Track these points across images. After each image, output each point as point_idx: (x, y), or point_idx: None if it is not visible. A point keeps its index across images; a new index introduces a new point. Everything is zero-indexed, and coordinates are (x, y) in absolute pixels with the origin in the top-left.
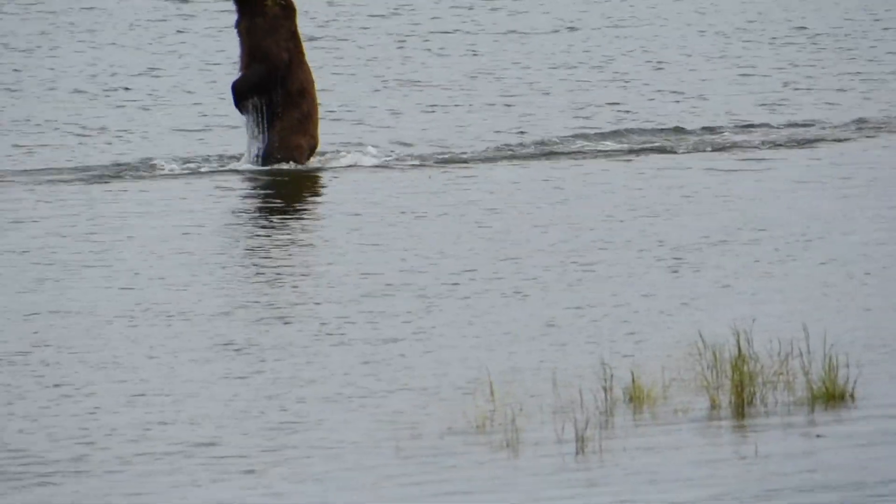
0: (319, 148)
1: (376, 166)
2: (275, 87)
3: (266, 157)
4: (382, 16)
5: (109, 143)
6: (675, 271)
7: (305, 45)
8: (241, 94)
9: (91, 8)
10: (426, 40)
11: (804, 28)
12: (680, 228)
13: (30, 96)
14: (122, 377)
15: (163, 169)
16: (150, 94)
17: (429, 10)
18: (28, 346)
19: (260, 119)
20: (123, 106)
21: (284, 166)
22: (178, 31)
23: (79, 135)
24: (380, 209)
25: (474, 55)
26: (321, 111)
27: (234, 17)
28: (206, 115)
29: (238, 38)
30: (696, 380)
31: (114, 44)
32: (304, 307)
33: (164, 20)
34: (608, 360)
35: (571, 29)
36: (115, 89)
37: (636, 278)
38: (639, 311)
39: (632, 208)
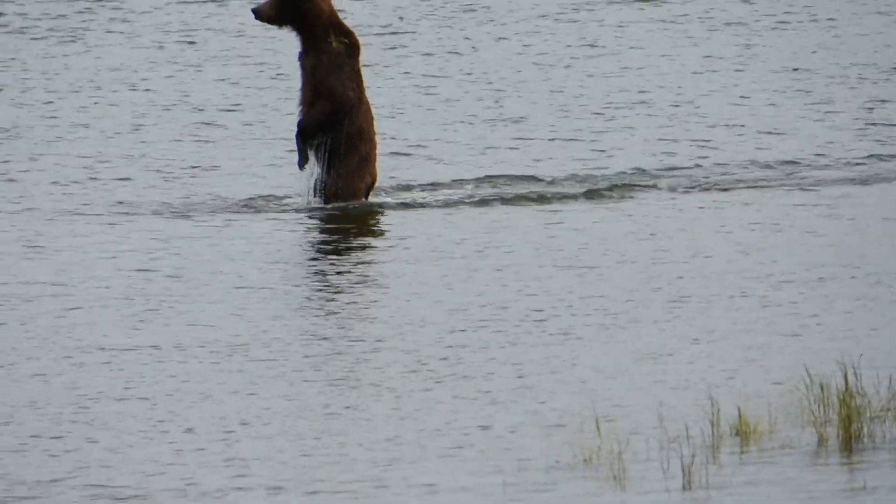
0: (378, 183)
1: (456, 201)
2: (339, 125)
3: (326, 198)
4: (458, 53)
5: (184, 179)
6: (779, 305)
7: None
8: (308, 132)
9: (190, 40)
10: (491, 82)
11: (875, 64)
12: (771, 264)
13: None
14: (219, 412)
15: (228, 206)
16: (223, 130)
17: (504, 48)
18: (123, 383)
19: (321, 157)
20: (201, 141)
21: (350, 203)
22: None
23: (158, 171)
24: (462, 246)
25: (555, 92)
26: (395, 145)
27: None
28: (271, 152)
29: (300, 72)
30: (803, 414)
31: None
32: (392, 343)
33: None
34: (714, 394)
35: (647, 66)
36: (191, 125)
37: (733, 312)
38: (741, 345)
39: (720, 243)
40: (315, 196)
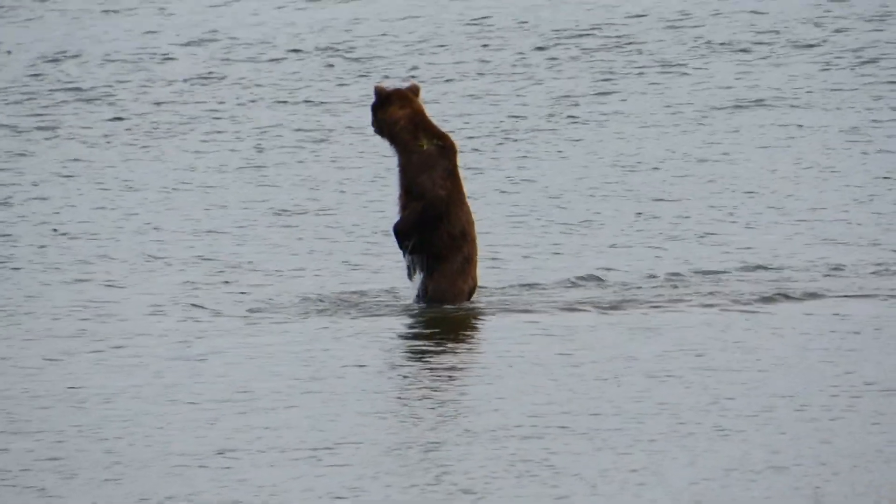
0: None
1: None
2: (434, 224)
3: (429, 301)
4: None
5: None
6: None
7: None
8: (403, 234)
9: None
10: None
11: None
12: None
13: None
14: None
15: (323, 305)
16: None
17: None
18: (216, 488)
19: (421, 259)
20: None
21: (449, 307)
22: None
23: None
24: (563, 357)
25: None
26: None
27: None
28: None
29: (397, 177)
30: None
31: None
32: (481, 446)
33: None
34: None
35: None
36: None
37: (839, 422)
38: (855, 448)
39: (813, 349)
40: (417, 299)
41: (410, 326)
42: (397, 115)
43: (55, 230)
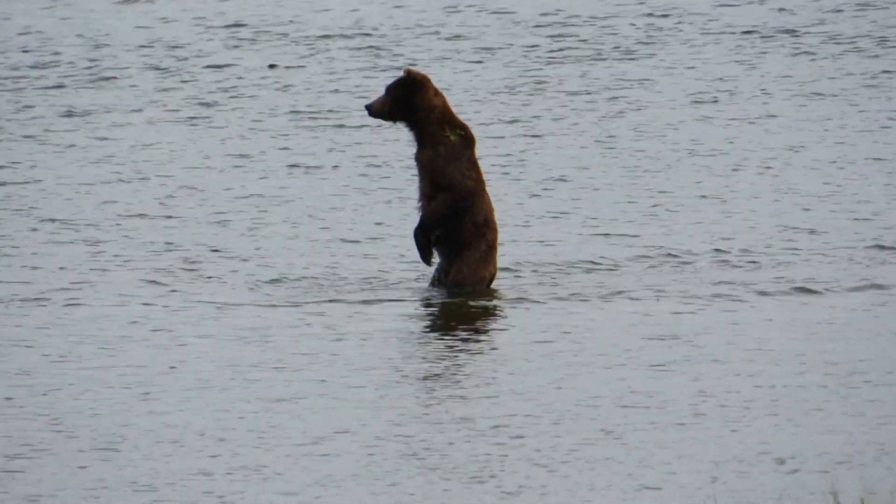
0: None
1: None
2: (462, 214)
3: (450, 288)
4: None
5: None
6: None
7: None
8: (432, 225)
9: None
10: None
11: None
12: None
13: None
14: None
15: (348, 293)
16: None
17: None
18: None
19: (442, 248)
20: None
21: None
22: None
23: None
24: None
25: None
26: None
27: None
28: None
29: (417, 170)
30: None
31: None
32: (495, 434)
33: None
34: (836, 484)
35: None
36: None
37: (849, 407)
38: (865, 440)
39: (811, 339)
40: (436, 286)
41: (443, 314)
42: (434, 103)
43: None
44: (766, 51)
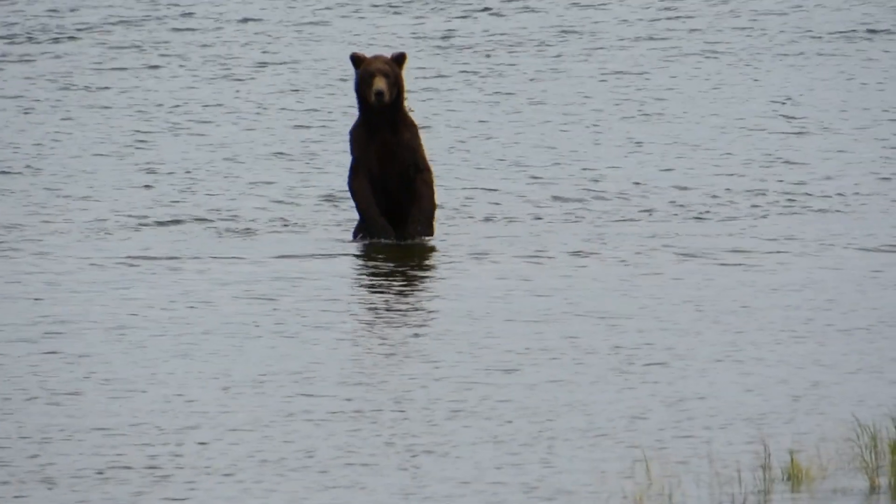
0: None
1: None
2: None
3: (421, 221)
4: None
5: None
6: (823, 345)
7: None
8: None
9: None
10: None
11: None
12: (851, 313)
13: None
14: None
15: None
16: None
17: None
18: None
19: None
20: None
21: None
22: None
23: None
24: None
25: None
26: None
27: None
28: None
29: (395, 150)
30: (854, 461)
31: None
32: (437, 374)
33: None
34: (765, 438)
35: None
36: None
37: (788, 356)
38: (797, 391)
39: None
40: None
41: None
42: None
43: None
44: None
